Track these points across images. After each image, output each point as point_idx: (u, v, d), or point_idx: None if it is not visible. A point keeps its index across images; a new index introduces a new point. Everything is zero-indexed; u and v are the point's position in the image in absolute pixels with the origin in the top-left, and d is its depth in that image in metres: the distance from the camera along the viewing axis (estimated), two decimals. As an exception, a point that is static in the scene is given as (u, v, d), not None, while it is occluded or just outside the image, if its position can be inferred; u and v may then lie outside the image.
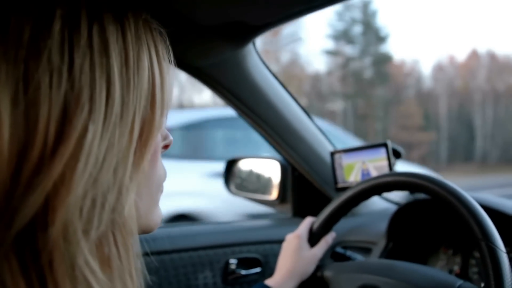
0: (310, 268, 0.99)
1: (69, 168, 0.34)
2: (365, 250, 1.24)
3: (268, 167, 1.55)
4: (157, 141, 0.48)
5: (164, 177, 0.52)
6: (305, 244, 1.00)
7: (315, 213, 1.08)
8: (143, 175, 0.43)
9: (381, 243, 1.18)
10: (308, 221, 1.05)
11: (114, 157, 0.38)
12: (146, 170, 0.44)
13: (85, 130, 0.35)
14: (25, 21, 0.35)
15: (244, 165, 1.64)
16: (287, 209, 1.50)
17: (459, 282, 0.75)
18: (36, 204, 0.33)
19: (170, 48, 0.49)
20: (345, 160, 1.24)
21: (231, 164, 1.65)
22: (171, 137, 0.53)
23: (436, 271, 0.85)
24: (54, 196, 0.34)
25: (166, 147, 0.53)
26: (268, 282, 0.96)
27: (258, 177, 1.59)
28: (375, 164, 1.17)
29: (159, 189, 0.51)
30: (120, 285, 0.39)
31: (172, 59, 0.50)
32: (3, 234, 0.32)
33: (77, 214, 0.35)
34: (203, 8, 0.80)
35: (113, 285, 0.38)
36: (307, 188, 1.44)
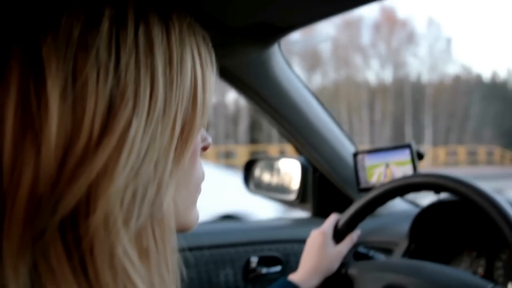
0: (335, 265, 0.99)
1: (112, 160, 0.36)
2: (387, 251, 1.23)
3: (288, 167, 1.55)
4: (197, 141, 0.49)
5: (202, 178, 0.53)
6: (330, 241, 1.01)
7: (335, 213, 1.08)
8: (183, 173, 0.45)
9: (403, 244, 1.18)
10: (333, 218, 1.05)
11: (155, 151, 0.39)
12: (186, 168, 0.45)
13: (129, 124, 0.37)
14: (76, 19, 0.37)
15: (264, 165, 1.64)
16: (307, 209, 1.51)
17: (490, 284, 0.75)
18: (79, 193, 0.34)
19: (213, 51, 0.50)
20: (368, 161, 1.24)
21: (250, 164, 1.66)
22: (209, 140, 0.54)
23: (465, 273, 0.85)
24: (96, 186, 0.35)
25: (204, 148, 0.54)
26: (291, 277, 0.96)
27: (278, 176, 1.59)
28: (399, 165, 1.17)
29: (197, 189, 0.52)
30: (158, 277, 0.40)
31: (215, 63, 0.50)
32: (49, 220, 0.34)
33: (117, 205, 0.36)
34: (232, 10, 0.81)
35: (151, 276, 0.39)
36: (328, 188, 1.44)
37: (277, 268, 1.33)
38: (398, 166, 1.17)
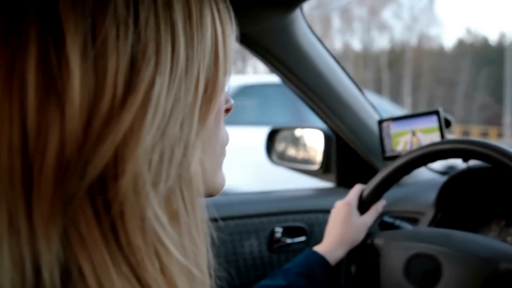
0: (360, 235, 0.98)
1: (138, 120, 0.35)
2: (412, 220, 1.22)
3: (311, 137, 1.54)
4: (221, 101, 0.49)
5: (227, 141, 0.52)
6: (355, 211, 0.99)
7: (359, 183, 1.06)
8: (208, 134, 0.44)
9: (429, 213, 1.16)
10: (357, 189, 1.03)
11: (180, 111, 0.38)
12: (211, 129, 0.45)
13: (152, 82, 0.36)
14: None
15: (286, 134, 1.63)
16: (331, 179, 1.49)
17: None
18: (106, 155, 0.33)
19: (231, 8, 0.49)
20: (393, 129, 1.21)
21: (273, 134, 1.64)
22: (232, 101, 0.53)
23: (495, 241, 0.83)
24: (123, 147, 0.34)
25: (227, 110, 0.53)
26: (317, 248, 0.96)
27: (301, 146, 1.58)
28: (425, 132, 1.14)
29: (222, 152, 0.52)
30: (188, 239, 0.40)
31: (234, 19, 0.49)
32: (77, 184, 0.33)
33: (146, 167, 0.35)
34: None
35: (182, 239, 0.39)
36: (352, 158, 1.42)
37: (302, 238, 1.32)
38: (425, 134, 1.14)
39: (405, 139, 1.19)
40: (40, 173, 0.32)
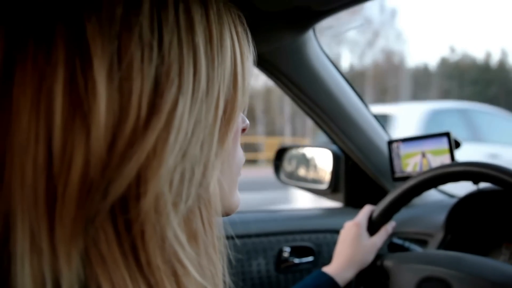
0: (370, 256, 0.97)
1: (161, 140, 0.35)
2: (422, 242, 1.21)
3: (319, 156, 1.54)
4: (239, 121, 0.49)
5: (243, 161, 0.53)
6: (365, 233, 0.99)
7: (368, 203, 1.06)
8: (226, 154, 0.44)
9: (439, 235, 1.15)
10: (367, 209, 1.03)
11: (201, 132, 0.39)
12: (229, 149, 0.45)
13: (175, 104, 0.36)
14: (117, 0, 0.36)
15: (295, 153, 1.63)
16: (339, 198, 1.49)
17: None
18: (130, 175, 0.34)
19: (248, 31, 0.50)
20: (403, 150, 1.21)
21: (281, 153, 1.64)
22: (247, 121, 0.54)
23: (507, 265, 0.82)
24: (146, 168, 0.35)
25: (243, 130, 0.54)
26: (326, 269, 0.95)
27: (310, 166, 1.58)
28: (436, 154, 1.14)
29: (238, 171, 0.52)
30: (206, 259, 0.40)
31: (251, 42, 0.50)
32: (100, 204, 0.33)
33: (167, 187, 0.36)
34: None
35: (200, 259, 0.39)
36: (361, 178, 1.42)
37: (309, 258, 1.32)
38: (435, 155, 1.14)
39: (415, 160, 1.19)
40: (64, 193, 0.33)
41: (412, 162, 1.20)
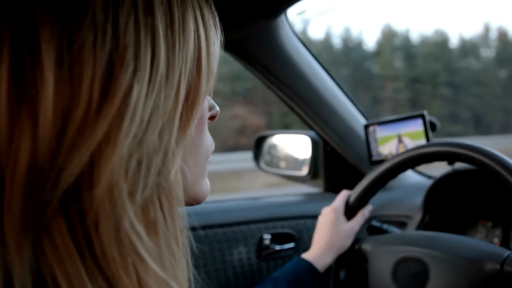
0: (348, 241, 0.98)
1: (114, 128, 0.34)
2: (400, 224, 1.22)
3: (298, 142, 1.53)
4: (204, 108, 0.48)
5: (211, 148, 0.51)
6: (342, 218, 0.99)
7: (347, 188, 1.07)
8: (190, 141, 0.43)
9: (417, 217, 1.17)
10: (344, 194, 1.03)
11: (159, 118, 0.37)
12: (193, 136, 0.43)
13: (130, 89, 0.35)
14: None
15: (274, 141, 1.63)
16: (319, 184, 1.49)
17: (507, 252, 0.73)
18: (81, 163, 0.33)
19: (216, 14, 0.48)
20: (379, 133, 1.22)
21: (260, 140, 1.64)
22: (217, 108, 0.53)
23: (481, 242, 0.83)
24: (99, 156, 0.33)
25: (212, 118, 0.52)
26: (305, 256, 0.96)
27: (288, 152, 1.58)
28: (412, 136, 1.14)
29: (206, 159, 0.50)
30: (166, 250, 0.39)
31: (219, 24, 0.48)
32: (51, 193, 0.32)
33: (122, 175, 0.34)
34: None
35: (159, 250, 0.38)
36: (339, 163, 1.43)
37: (290, 245, 1.32)
38: (413, 140, 1.15)
39: (391, 143, 1.20)
40: (12, 182, 0.31)
41: (388, 145, 1.20)
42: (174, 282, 0.39)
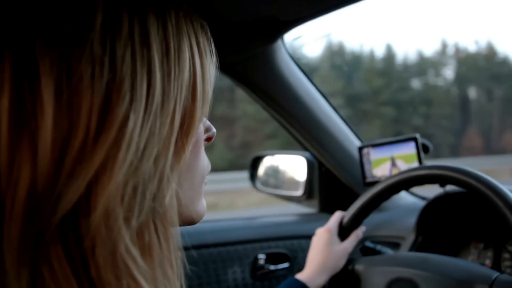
0: (341, 262, 0.99)
1: (111, 157, 0.35)
2: (394, 245, 1.23)
3: (294, 163, 1.55)
4: (199, 132, 0.48)
5: (207, 169, 0.52)
6: (336, 238, 1.01)
7: (342, 209, 1.08)
8: (185, 165, 0.44)
9: (410, 238, 1.18)
10: (338, 215, 1.05)
11: (155, 146, 0.38)
12: (188, 160, 0.44)
13: (126, 119, 0.36)
14: (69, 15, 0.36)
15: (270, 161, 1.64)
16: (314, 204, 1.50)
17: (496, 274, 0.75)
18: (78, 191, 0.34)
19: (211, 40, 0.49)
20: (373, 155, 1.24)
21: (256, 161, 1.66)
22: (214, 129, 0.53)
23: (471, 263, 0.84)
24: (96, 184, 0.34)
25: (209, 139, 0.53)
26: (299, 276, 0.97)
27: (284, 173, 1.59)
28: (405, 158, 1.17)
29: (202, 181, 0.51)
30: (161, 273, 0.39)
31: (214, 50, 0.49)
32: (49, 220, 0.33)
33: (118, 202, 0.35)
34: (235, 4, 0.81)
35: (154, 273, 0.39)
36: (334, 184, 1.44)
37: (285, 265, 1.33)
38: (405, 162, 1.17)
39: (384, 165, 1.22)
40: (11, 210, 0.32)
41: (382, 167, 1.22)
42: None
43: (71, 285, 0.33)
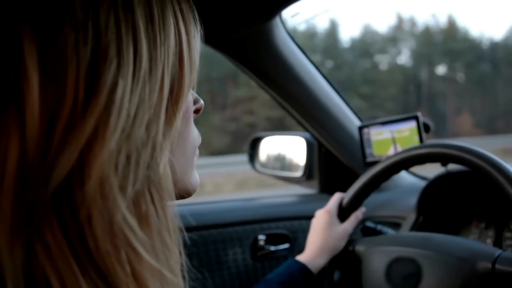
0: (341, 243, 0.98)
1: (102, 123, 0.34)
2: (395, 225, 1.23)
3: (293, 144, 1.54)
4: (189, 101, 0.49)
5: (198, 141, 0.52)
6: (335, 220, 1.00)
7: (342, 189, 1.07)
8: (177, 134, 0.44)
9: (411, 218, 1.17)
10: (337, 197, 1.04)
11: (145, 112, 0.38)
12: (179, 129, 0.45)
13: (114, 85, 0.35)
14: None
15: (269, 142, 1.63)
16: (314, 185, 1.50)
17: (499, 251, 0.74)
18: (70, 161, 0.33)
19: (194, 8, 0.49)
20: (373, 135, 1.22)
21: (255, 142, 1.64)
22: (202, 101, 0.54)
23: (473, 241, 0.83)
24: (88, 152, 0.34)
25: (197, 111, 0.53)
26: (299, 257, 0.96)
27: (284, 154, 1.58)
28: (405, 137, 1.15)
29: (194, 152, 0.52)
30: (159, 242, 0.40)
31: (197, 18, 0.49)
32: (41, 192, 0.32)
33: (112, 170, 0.35)
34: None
35: (152, 242, 0.39)
36: (334, 164, 1.43)
37: (285, 246, 1.32)
38: (405, 141, 1.16)
39: (385, 145, 1.20)
40: (2, 183, 0.32)
41: (382, 146, 1.21)
42: (169, 272, 0.40)
43: (66, 258, 0.33)
